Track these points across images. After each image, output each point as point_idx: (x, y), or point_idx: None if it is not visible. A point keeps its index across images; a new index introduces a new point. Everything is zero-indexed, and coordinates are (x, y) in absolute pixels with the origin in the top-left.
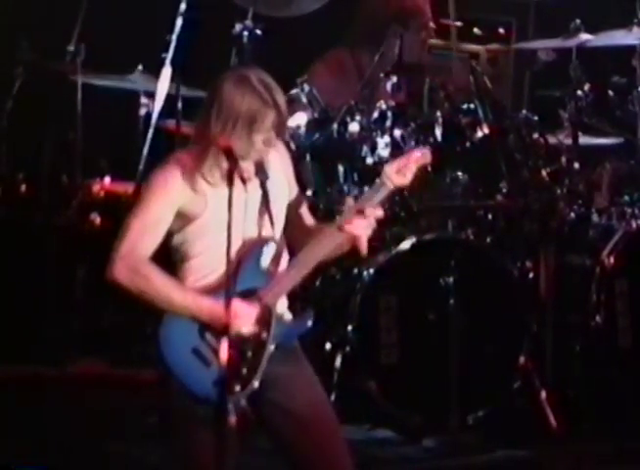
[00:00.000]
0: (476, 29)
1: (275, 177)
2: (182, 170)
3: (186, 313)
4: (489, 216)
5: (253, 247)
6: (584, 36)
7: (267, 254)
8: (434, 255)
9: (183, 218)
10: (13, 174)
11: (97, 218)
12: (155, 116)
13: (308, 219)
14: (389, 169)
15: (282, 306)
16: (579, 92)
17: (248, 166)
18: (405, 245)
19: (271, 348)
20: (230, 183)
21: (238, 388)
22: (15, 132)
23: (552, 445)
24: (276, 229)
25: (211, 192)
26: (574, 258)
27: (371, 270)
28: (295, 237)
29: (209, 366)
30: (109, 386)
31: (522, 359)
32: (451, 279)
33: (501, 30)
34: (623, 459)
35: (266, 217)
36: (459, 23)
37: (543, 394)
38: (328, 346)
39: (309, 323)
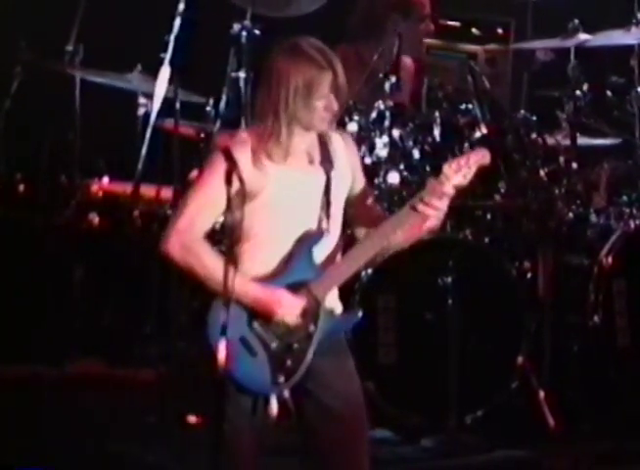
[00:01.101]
0: (474, 30)
1: (340, 167)
2: (245, 147)
3: (231, 296)
4: (488, 216)
5: (308, 239)
6: (583, 36)
7: (322, 247)
8: (433, 254)
9: (242, 195)
10: (11, 174)
11: (95, 218)
12: (153, 115)
13: (375, 213)
14: (449, 169)
15: (332, 300)
16: (578, 92)
17: (312, 150)
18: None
19: (317, 341)
20: (229, 183)
21: (282, 379)
22: (13, 132)
23: (550, 444)
24: (333, 222)
25: (274, 170)
26: (573, 259)
27: (369, 270)
28: (359, 231)
29: (255, 356)
30: (107, 386)
31: (520, 359)
32: (449, 279)
33: (499, 31)
34: (622, 459)
35: (327, 208)
36: (457, 24)
37: (541, 394)
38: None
39: (357, 318)
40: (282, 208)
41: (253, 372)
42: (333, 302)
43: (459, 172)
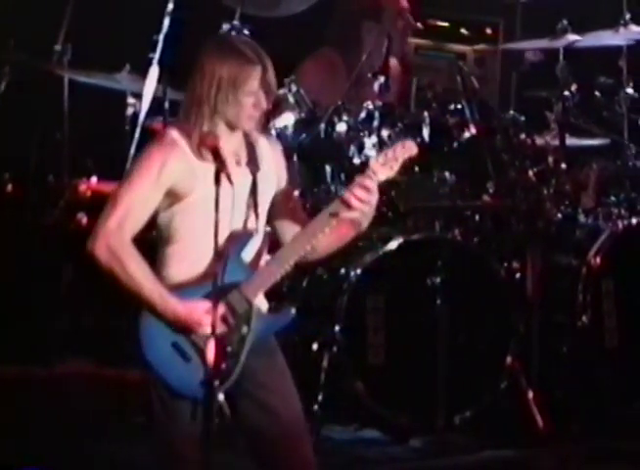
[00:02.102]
0: (463, 30)
1: (265, 169)
2: (175, 145)
3: (151, 309)
4: (476, 217)
5: (237, 239)
6: (571, 37)
7: (250, 247)
8: (422, 255)
9: (172, 196)
10: None
11: (84, 218)
12: (142, 115)
13: (299, 215)
14: (375, 163)
15: (260, 301)
16: (566, 92)
17: (239, 150)
18: (392, 245)
19: (251, 342)
20: (217, 182)
21: (216, 382)
22: (1, 132)
23: (539, 445)
24: (260, 222)
25: (202, 168)
26: (561, 259)
27: (358, 270)
28: (283, 232)
29: (189, 361)
30: (96, 386)
31: (508, 359)
32: (438, 279)
33: (488, 31)
34: (610, 459)
35: (252, 209)
36: (446, 24)
37: (530, 394)
38: (315, 346)
39: (289, 318)
40: (211, 207)
41: (188, 377)
42: (261, 302)
43: (385, 165)
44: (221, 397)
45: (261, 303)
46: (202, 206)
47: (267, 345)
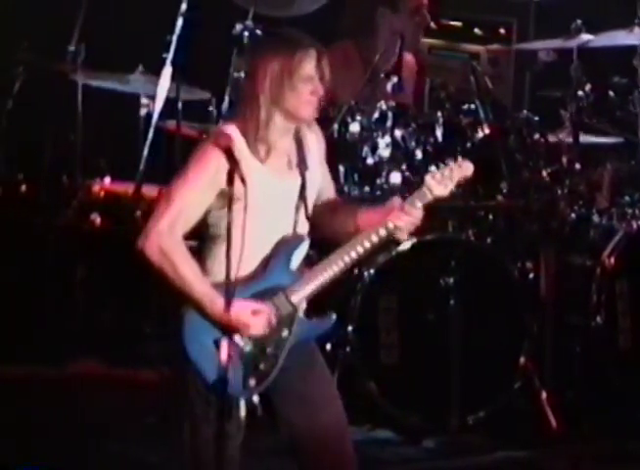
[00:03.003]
0: (476, 30)
1: (312, 164)
2: (230, 145)
3: (199, 308)
4: (490, 217)
5: (287, 244)
6: (585, 37)
7: (299, 252)
8: (435, 255)
9: (226, 197)
10: (13, 175)
11: (97, 219)
12: (155, 116)
13: (338, 204)
14: (431, 180)
15: (304, 305)
16: (580, 92)
17: (291, 151)
18: (405, 245)
19: (290, 345)
20: (230, 183)
21: (253, 383)
22: (15, 132)
23: (552, 445)
24: (308, 225)
25: (256, 174)
26: (575, 259)
27: (371, 270)
28: (324, 223)
29: (229, 359)
30: (108, 386)
31: (522, 360)
32: (451, 280)
33: (502, 31)
34: (623, 460)
35: (302, 212)
36: (460, 24)
37: (543, 394)
38: (328, 346)
39: (330, 324)
40: (261, 212)
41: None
42: (304, 307)
43: (440, 183)
44: (256, 398)
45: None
46: (255, 207)
47: (307, 350)
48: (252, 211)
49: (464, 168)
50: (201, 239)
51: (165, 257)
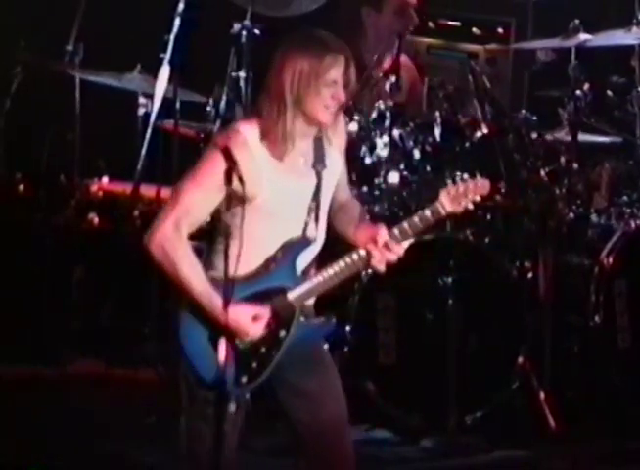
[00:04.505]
0: (474, 29)
1: (331, 161)
2: (245, 145)
3: (197, 306)
4: (488, 216)
5: (294, 246)
6: (583, 36)
7: (306, 255)
8: (433, 255)
9: (236, 198)
10: (11, 174)
11: (95, 218)
12: (153, 115)
13: (352, 205)
14: (445, 195)
15: (307, 307)
16: (578, 92)
17: (308, 152)
18: (404, 245)
19: (286, 347)
20: (229, 183)
21: (244, 380)
22: (13, 132)
23: (550, 445)
24: (320, 228)
25: (270, 174)
26: (573, 259)
27: (369, 270)
28: (337, 221)
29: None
30: (107, 386)
31: (520, 360)
32: (450, 279)
33: (500, 30)
34: (622, 460)
35: (314, 214)
36: (458, 23)
37: (542, 394)
38: (326, 345)
39: (331, 327)
40: (273, 213)
41: (218, 371)
42: (308, 309)
43: (455, 200)
44: (247, 395)
45: (310, 311)
46: (265, 209)
47: (312, 349)
48: (263, 209)
49: (480, 186)
50: (211, 235)
51: (168, 254)
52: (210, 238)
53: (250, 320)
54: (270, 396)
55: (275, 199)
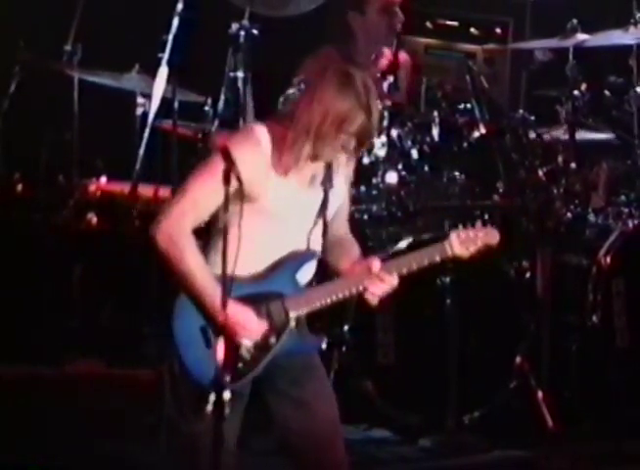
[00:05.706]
0: (472, 29)
1: (337, 183)
2: (258, 147)
3: (197, 301)
4: (486, 216)
5: (297, 257)
6: (581, 36)
7: (308, 268)
8: None
9: (240, 195)
10: (9, 174)
11: (93, 218)
12: (151, 115)
13: (350, 242)
14: (455, 237)
15: (302, 320)
16: (576, 92)
17: (318, 171)
18: (402, 245)
19: (274, 354)
20: (227, 182)
21: (227, 378)
22: (11, 132)
23: (548, 445)
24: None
25: (276, 178)
26: (571, 258)
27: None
28: (330, 253)
29: (209, 349)
30: (106, 386)
31: (518, 359)
32: (448, 279)
33: (498, 30)
34: (620, 459)
35: (318, 229)
36: (456, 23)
37: (540, 394)
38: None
39: (318, 346)
40: (276, 217)
41: (203, 362)
42: (301, 321)
43: (463, 244)
44: (227, 395)
45: (303, 325)
46: (266, 213)
47: (305, 359)
48: (267, 212)
49: (490, 236)
50: (209, 233)
51: (175, 243)
52: (207, 236)
53: (249, 320)
54: (260, 400)
55: (279, 203)
